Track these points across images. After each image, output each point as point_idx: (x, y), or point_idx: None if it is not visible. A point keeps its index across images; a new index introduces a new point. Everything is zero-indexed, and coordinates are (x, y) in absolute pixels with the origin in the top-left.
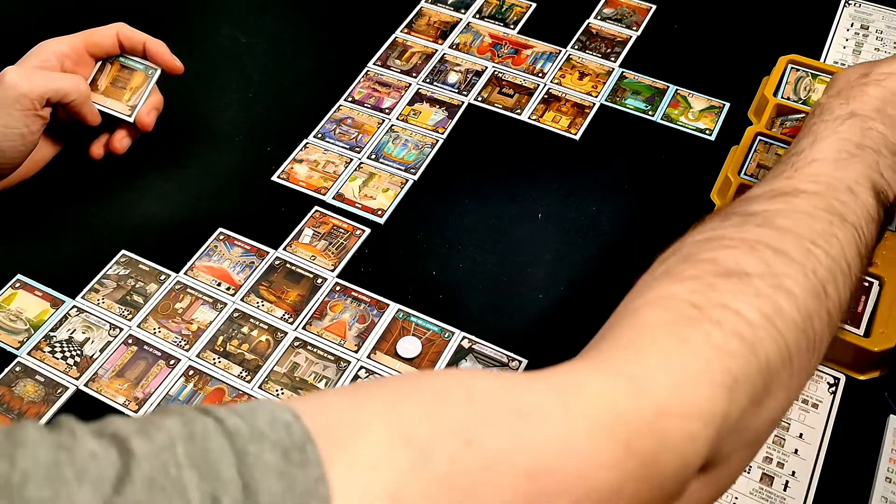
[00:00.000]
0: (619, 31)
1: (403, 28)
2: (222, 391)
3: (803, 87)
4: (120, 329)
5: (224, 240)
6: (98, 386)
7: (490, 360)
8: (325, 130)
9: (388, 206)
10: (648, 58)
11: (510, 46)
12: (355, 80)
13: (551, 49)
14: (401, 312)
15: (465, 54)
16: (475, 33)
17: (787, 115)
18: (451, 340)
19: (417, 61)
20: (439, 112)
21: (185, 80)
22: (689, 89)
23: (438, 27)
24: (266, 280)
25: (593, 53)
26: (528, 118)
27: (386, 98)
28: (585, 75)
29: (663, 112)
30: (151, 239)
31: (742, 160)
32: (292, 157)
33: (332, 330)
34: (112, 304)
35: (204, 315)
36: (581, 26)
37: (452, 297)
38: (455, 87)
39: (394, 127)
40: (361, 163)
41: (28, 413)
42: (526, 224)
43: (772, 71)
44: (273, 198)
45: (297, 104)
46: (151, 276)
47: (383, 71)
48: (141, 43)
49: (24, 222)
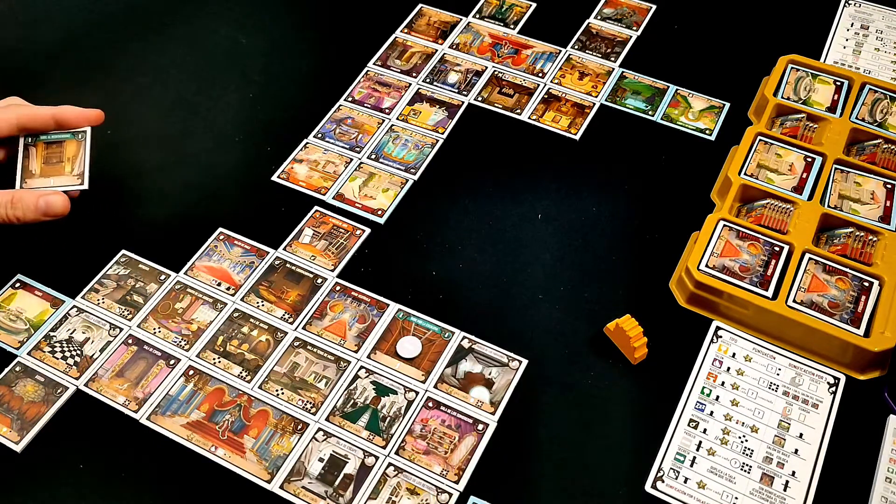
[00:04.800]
0: (619, 31)
1: (403, 28)
2: (222, 391)
3: (803, 87)
4: (120, 329)
5: (224, 240)
6: (98, 386)
7: (490, 360)
8: (325, 130)
9: (388, 206)
10: (648, 58)
11: (510, 46)
12: (355, 80)
13: (551, 49)
14: (401, 312)
15: (465, 54)
16: (475, 33)
17: (787, 115)
18: (451, 340)
19: (417, 61)
20: (439, 112)
21: (186, 80)
22: (689, 89)
23: (438, 27)
24: (266, 280)
25: (593, 53)
26: (528, 118)
27: (386, 98)
28: (585, 75)
29: (663, 112)
30: (151, 239)
31: (742, 160)
32: (292, 157)
33: (332, 330)
34: (112, 304)
35: (204, 315)
36: (581, 26)
37: (452, 297)
38: (455, 87)
39: (394, 127)
40: (361, 163)
41: (28, 413)
42: (526, 224)
43: (772, 71)
44: (273, 198)
45: (297, 104)
46: (151, 276)
47: (383, 71)
48: (49, 120)
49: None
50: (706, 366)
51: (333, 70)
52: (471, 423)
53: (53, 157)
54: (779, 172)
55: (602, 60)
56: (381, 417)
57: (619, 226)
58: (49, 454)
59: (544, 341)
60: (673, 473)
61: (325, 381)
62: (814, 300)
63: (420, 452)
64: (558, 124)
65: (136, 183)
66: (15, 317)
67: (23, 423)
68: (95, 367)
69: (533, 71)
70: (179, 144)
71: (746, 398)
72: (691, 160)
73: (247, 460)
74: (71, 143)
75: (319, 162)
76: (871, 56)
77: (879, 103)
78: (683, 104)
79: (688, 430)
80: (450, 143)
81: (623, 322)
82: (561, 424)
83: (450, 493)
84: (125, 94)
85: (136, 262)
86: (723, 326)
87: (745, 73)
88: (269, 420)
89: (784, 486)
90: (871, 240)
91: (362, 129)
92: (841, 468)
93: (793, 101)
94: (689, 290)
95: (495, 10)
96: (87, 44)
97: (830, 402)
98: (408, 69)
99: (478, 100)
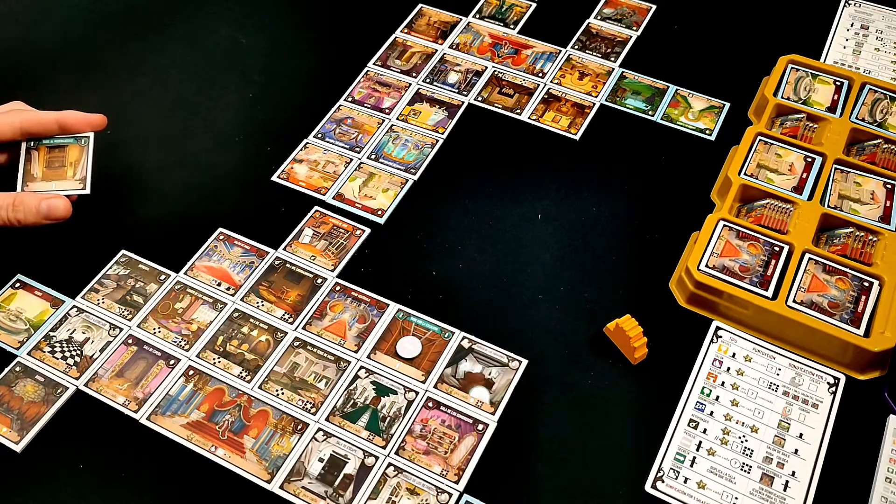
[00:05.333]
0: (619, 31)
1: (403, 28)
2: (222, 391)
3: (803, 87)
4: (120, 329)
5: (224, 240)
6: (98, 386)
7: (490, 360)
8: (325, 130)
9: (388, 206)
10: (648, 58)
11: (510, 46)
12: (355, 80)
13: (551, 49)
14: (401, 312)
15: (465, 54)
16: (475, 33)
17: (787, 115)
18: (451, 340)
19: (417, 61)
20: (439, 112)
21: (186, 80)
22: (689, 89)
23: (438, 27)
24: (266, 280)
25: (593, 53)
26: (528, 118)
27: (386, 98)
28: (585, 75)
29: (663, 112)
30: (151, 239)
31: (742, 160)
32: (292, 157)
33: (332, 330)
34: (112, 304)
35: (204, 315)
36: (581, 26)
37: (452, 297)
38: (455, 87)
39: (394, 127)
40: (361, 163)
41: (28, 413)
42: (526, 224)
43: (772, 71)
44: (273, 198)
45: (297, 104)
46: (151, 276)
47: (383, 71)
48: (53, 125)
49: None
50: (706, 366)
51: (333, 70)
52: (471, 423)
53: (56, 162)
54: (779, 172)
55: (602, 60)
56: (381, 417)
57: (619, 226)
58: (49, 454)
59: (544, 341)
60: (673, 473)
61: (325, 381)
62: (814, 300)
63: (420, 452)
64: (558, 124)
65: (136, 183)
66: (15, 317)
67: (23, 423)
68: (95, 367)
69: (533, 71)
70: (179, 144)
71: (746, 398)
72: (691, 160)
73: (247, 460)
74: (74, 148)
75: (319, 162)
76: (871, 56)
77: (879, 103)
78: (683, 104)
79: (688, 430)
80: (450, 143)
81: (623, 322)
82: (561, 424)
83: (450, 493)
84: (125, 94)
85: (136, 262)
86: (723, 326)
87: (745, 73)
88: (269, 420)
89: (784, 486)
90: (871, 240)
91: (362, 129)
92: (841, 468)
93: (793, 101)
94: (689, 290)
95: (495, 10)
96: (87, 44)
97: (830, 402)
98: (408, 69)
99: (478, 100)
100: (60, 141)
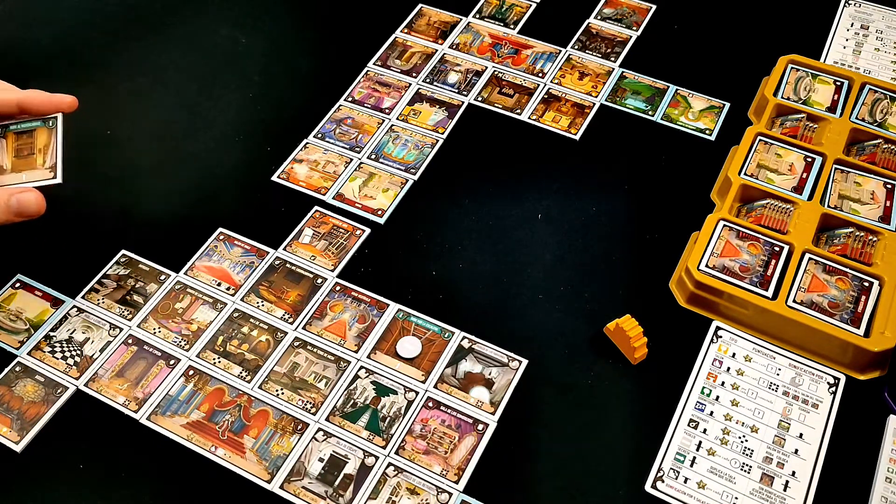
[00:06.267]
0: (619, 31)
1: (403, 28)
2: (222, 391)
3: (803, 87)
4: (120, 329)
5: (224, 240)
6: (98, 386)
7: (490, 360)
8: (325, 130)
9: (388, 206)
10: (648, 58)
11: (510, 46)
12: (355, 80)
13: (551, 49)
14: (401, 312)
15: (465, 54)
16: (475, 33)
17: (787, 115)
18: (451, 340)
19: (417, 61)
20: (439, 112)
21: (186, 80)
22: (689, 89)
23: (438, 27)
24: (266, 280)
25: (593, 53)
26: (528, 118)
27: (386, 98)
28: (585, 75)
29: (663, 112)
30: (151, 239)
31: (742, 160)
32: (292, 157)
33: (332, 330)
34: (112, 304)
35: (204, 315)
36: (581, 26)
37: (452, 297)
38: (455, 87)
39: (394, 127)
40: (361, 163)
41: (28, 413)
42: (526, 224)
43: (772, 71)
44: (273, 198)
45: (297, 104)
46: (151, 276)
47: (383, 71)
48: (13, 107)
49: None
50: (706, 366)
51: (333, 70)
52: (471, 423)
53: (24, 149)
54: (779, 172)
55: (602, 60)
56: (381, 417)
57: (619, 226)
58: (49, 454)
59: (544, 341)
60: (673, 473)
61: (325, 381)
62: (814, 300)
63: (420, 452)
64: (558, 124)
65: (136, 183)
66: (15, 317)
67: (23, 423)
68: (95, 367)
69: (533, 71)
70: (179, 144)
71: (746, 398)
72: (691, 160)
73: (247, 460)
74: (42, 132)
75: (319, 162)
76: (871, 56)
77: (879, 103)
78: (683, 104)
79: (688, 430)
80: (450, 143)
81: (623, 322)
82: (561, 424)
83: (450, 492)
84: (125, 94)
85: (136, 262)
86: (723, 326)
87: (745, 73)
88: (269, 420)
89: (784, 486)
90: (871, 240)
91: (362, 129)
92: (841, 468)
93: (793, 101)
94: (689, 290)
95: (495, 10)
96: (86, 44)
97: (830, 403)
98: (408, 69)
99: (478, 100)
100: (28, 125)
